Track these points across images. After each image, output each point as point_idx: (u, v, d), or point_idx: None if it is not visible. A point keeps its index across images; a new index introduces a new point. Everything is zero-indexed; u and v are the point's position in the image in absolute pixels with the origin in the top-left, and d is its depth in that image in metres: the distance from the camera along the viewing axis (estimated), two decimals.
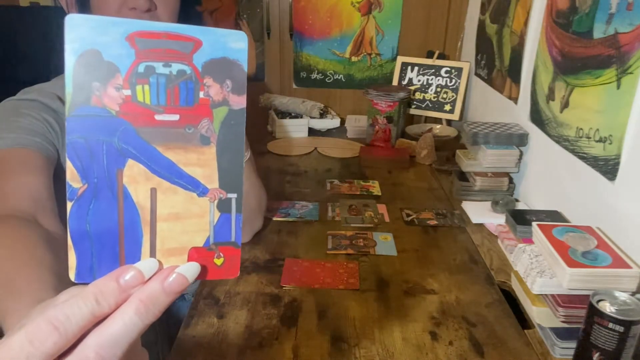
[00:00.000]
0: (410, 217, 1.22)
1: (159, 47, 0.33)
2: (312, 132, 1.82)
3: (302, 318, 0.85)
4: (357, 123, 1.84)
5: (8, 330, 0.46)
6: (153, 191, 0.34)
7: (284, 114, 1.89)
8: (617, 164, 0.89)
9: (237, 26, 1.95)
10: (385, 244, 1.09)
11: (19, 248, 0.57)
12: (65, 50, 0.31)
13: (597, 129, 0.95)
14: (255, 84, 1.98)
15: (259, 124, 1.87)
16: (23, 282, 0.52)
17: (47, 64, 1.90)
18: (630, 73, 0.85)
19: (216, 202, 0.36)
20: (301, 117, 1.85)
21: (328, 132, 1.84)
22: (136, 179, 0.34)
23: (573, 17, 1.06)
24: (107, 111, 0.33)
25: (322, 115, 1.88)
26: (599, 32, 0.96)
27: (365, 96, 1.71)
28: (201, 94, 0.34)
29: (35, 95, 0.83)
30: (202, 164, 0.35)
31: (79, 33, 0.31)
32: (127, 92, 0.33)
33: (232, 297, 0.90)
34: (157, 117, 0.34)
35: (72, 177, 0.33)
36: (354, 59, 2.00)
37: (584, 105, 1.01)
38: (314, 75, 2.02)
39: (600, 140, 0.94)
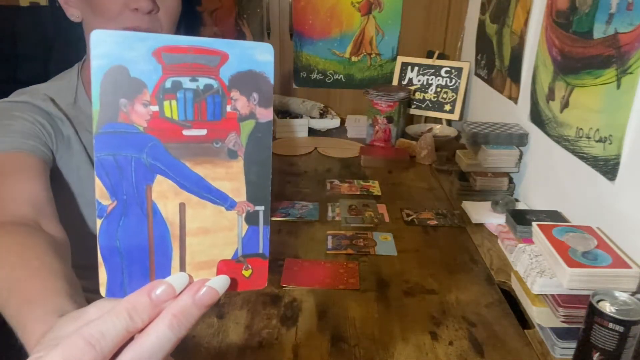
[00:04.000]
0: (410, 217, 1.22)
1: (186, 62, 0.33)
2: (312, 132, 1.82)
3: (302, 318, 0.85)
4: (357, 123, 1.84)
5: (29, 338, 0.46)
6: (182, 206, 0.34)
7: (284, 114, 1.89)
8: (617, 164, 0.89)
9: (237, 26, 1.95)
10: (385, 244, 1.09)
11: (29, 255, 0.56)
12: (91, 67, 0.31)
13: (597, 129, 0.95)
14: None
15: None
16: (37, 290, 0.51)
17: (47, 64, 1.90)
18: (630, 73, 0.85)
19: (244, 215, 0.36)
20: (301, 117, 1.85)
21: (328, 132, 1.84)
22: (165, 195, 0.34)
23: (573, 17, 1.06)
24: (134, 128, 0.32)
25: (322, 115, 1.87)
26: (599, 32, 0.96)
27: (365, 96, 1.71)
28: (228, 108, 0.34)
29: (27, 97, 0.82)
30: (230, 178, 0.35)
31: (105, 49, 0.31)
32: (155, 108, 0.32)
33: (232, 297, 0.90)
34: (185, 133, 0.33)
35: (101, 195, 0.33)
36: (354, 59, 2.00)
37: (584, 105, 1.01)
38: (314, 75, 2.02)
39: (600, 140, 0.94)
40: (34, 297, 0.50)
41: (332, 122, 1.86)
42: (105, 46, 0.31)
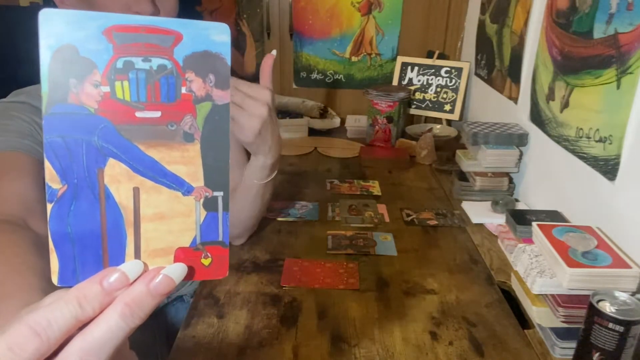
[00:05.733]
0: (410, 217, 1.22)
1: (138, 41, 0.32)
2: (312, 132, 1.82)
3: (302, 318, 0.85)
4: (357, 123, 1.84)
5: None
6: (136, 191, 0.33)
7: (284, 114, 1.88)
8: (617, 164, 0.89)
9: (237, 26, 1.95)
10: (385, 244, 1.09)
11: (9, 253, 0.57)
12: (39, 47, 0.30)
13: (597, 129, 0.95)
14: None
15: None
16: (12, 287, 0.51)
17: None
18: (630, 73, 0.85)
19: (202, 200, 0.35)
20: (301, 117, 1.85)
21: (328, 132, 1.84)
22: (118, 179, 0.33)
23: (573, 17, 1.06)
24: (85, 109, 0.31)
25: (322, 115, 1.87)
26: (599, 32, 0.96)
27: (365, 96, 1.70)
28: (183, 89, 0.33)
29: (24, 98, 0.82)
30: (186, 162, 0.34)
31: (54, 28, 0.30)
32: (106, 88, 0.32)
33: (232, 297, 0.90)
34: (138, 114, 0.32)
35: (51, 178, 0.32)
36: (354, 59, 2.00)
37: (584, 105, 1.01)
38: (314, 75, 2.02)
39: (600, 140, 0.94)
40: (8, 294, 0.50)
41: (332, 122, 1.86)
42: (54, 25, 0.30)
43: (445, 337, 0.82)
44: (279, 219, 1.18)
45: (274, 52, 0.87)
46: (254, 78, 0.90)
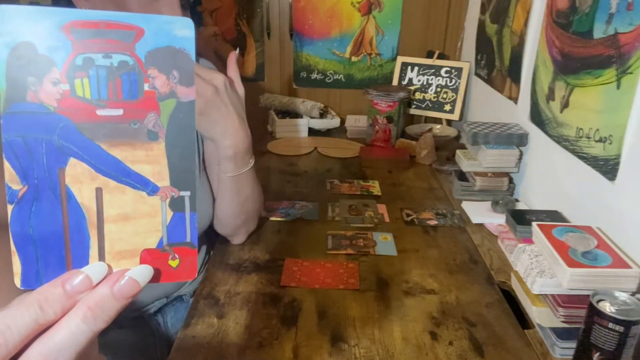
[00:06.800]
0: (410, 217, 1.22)
1: (98, 37, 0.31)
2: (312, 132, 1.82)
3: (302, 318, 0.85)
4: (357, 123, 1.84)
5: None
6: (99, 191, 0.32)
7: (284, 114, 1.89)
8: (617, 164, 0.89)
9: (237, 26, 1.95)
10: (385, 244, 1.09)
11: None
12: None
13: (597, 129, 0.95)
14: (255, 84, 1.98)
15: (259, 124, 1.87)
16: None
17: None
18: (630, 73, 0.85)
19: (168, 200, 0.34)
20: (301, 117, 1.85)
21: (328, 132, 1.84)
22: (80, 179, 0.32)
23: (573, 17, 1.06)
24: (44, 107, 0.31)
25: (322, 115, 1.87)
26: (599, 32, 0.96)
27: (365, 96, 1.71)
28: (146, 86, 0.32)
29: None
30: (151, 161, 0.33)
31: (11, 25, 0.29)
32: (65, 86, 0.31)
33: (232, 297, 0.90)
34: (99, 112, 0.32)
35: (11, 179, 0.31)
36: (354, 59, 2.00)
37: (584, 105, 1.01)
38: (314, 75, 2.02)
39: (600, 140, 0.94)
40: None
41: (332, 122, 1.86)
42: (11, 21, 0.29)
43: (445, 337, 0.82)
44: (279, 219, 1.19)
45: (237, 50, 0.87)
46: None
